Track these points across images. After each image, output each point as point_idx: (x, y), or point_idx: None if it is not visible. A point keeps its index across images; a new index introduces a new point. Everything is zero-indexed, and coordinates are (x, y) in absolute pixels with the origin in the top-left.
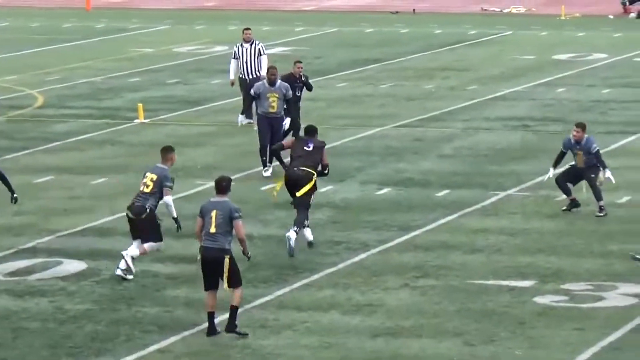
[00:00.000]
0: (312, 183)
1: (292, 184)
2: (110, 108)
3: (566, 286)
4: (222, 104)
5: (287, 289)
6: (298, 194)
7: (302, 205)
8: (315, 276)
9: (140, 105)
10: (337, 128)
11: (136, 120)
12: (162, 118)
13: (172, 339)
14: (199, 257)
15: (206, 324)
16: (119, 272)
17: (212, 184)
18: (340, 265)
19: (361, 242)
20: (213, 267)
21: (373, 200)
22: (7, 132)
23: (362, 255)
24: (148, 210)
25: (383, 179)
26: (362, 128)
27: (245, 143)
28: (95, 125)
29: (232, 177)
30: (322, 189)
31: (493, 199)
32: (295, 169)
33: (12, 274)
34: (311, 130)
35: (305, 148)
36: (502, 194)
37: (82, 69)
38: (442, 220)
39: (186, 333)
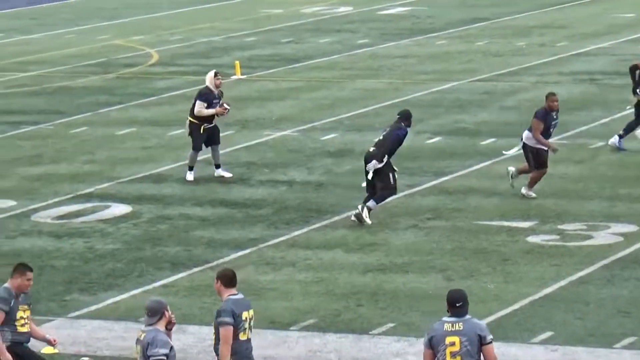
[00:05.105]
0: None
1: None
2: (216, 65)
3: (563, 226)
4: (318, 61)
5: (304, 230)
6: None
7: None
8: (336, 218)
9: (237, 62)
10: (417, 82)
11: (233, 77)
12: (258, 75)
13: (180, 275)
14: None
15: (217, 261)
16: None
17: (279, 134)
18: None
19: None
20: None
21: (420, 149)
22: (109, 87)
23: (388, 199)
24: None
25: (437, 129)
26: (440, 82)
27: (324, 97)
28: (194, 82)
29: (298, 128)
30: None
31: None
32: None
33: (61, 217)
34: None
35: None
36: None
37: (206, 29)
38: (476, 167)
39: (196, 269)
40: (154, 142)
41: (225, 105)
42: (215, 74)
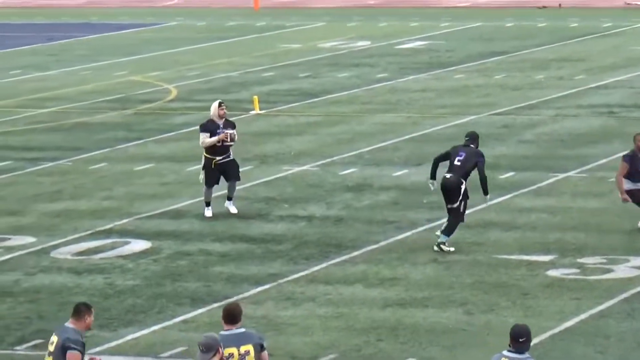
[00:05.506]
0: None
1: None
2: (234, 100)
3: (582, 260)
4: (337, 96)
5: (324, 265)
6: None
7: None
8: (356, 253)
9: (255, 97)
10: (435, 116)
11: (252, 112)
12: (276, 110)
13: (200, 310)
14: None
15: (237, 297)
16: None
17: (298, 169)
18: (383, 243)
19: (410, 221)
20: None
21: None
22: (127, 123)
23: (407, 233)
24: None
25: None
26: (458, 116)
27: (343, 131)
28: None
29: (317, 163)
30: (396, 173)
31: (551, 180)
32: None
33: (80, 253)
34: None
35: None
36: (561, 176)
37: (224, 64)
38: (495, 201)
39: (215, 305)
40: (171, 178)
41: (224, 130)
42: (220, 104)
